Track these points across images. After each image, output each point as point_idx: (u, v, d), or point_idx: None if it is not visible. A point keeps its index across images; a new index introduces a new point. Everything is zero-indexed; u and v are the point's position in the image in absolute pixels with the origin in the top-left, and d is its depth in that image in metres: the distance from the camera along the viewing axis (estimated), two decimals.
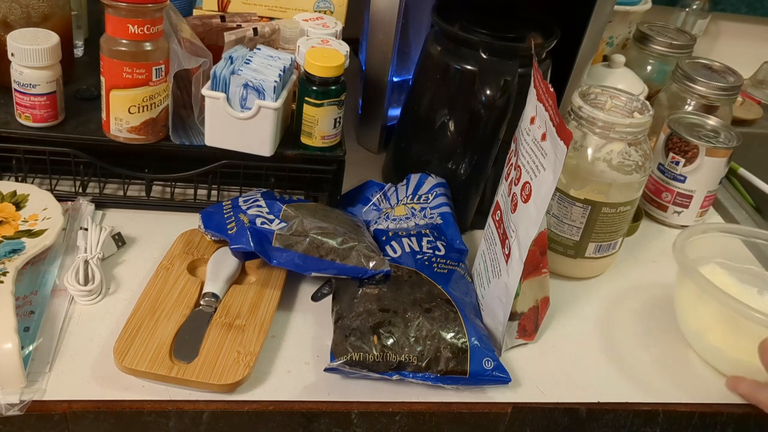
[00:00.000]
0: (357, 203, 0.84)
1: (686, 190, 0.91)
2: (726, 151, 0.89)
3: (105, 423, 0.61)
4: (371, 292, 0.69)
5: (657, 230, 0.94)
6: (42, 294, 0.68)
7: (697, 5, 1.29)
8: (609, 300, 0.81)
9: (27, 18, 0.79)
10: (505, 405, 0.66)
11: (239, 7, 0.86)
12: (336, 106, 0.76)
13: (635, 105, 0.78)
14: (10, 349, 0.59)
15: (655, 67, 1.16)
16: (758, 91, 1.31)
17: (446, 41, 0.82)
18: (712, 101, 1.00)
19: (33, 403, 0.59)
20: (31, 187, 0.77)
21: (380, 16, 0.87)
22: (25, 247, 0.69)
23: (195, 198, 0.82)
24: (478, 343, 0.66)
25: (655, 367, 0.72)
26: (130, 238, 0.77)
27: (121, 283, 0.72)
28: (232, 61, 0.74)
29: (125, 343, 0.62)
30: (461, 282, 0.73)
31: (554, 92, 0.62)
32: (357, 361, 0.64)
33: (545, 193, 0.62)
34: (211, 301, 0.68)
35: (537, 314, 0.72)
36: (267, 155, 0.76)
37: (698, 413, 0.69)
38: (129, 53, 0.71)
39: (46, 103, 0.75)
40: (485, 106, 0.75)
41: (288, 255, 0.69)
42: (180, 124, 0.79)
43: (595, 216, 0.77)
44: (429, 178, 0.83)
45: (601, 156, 0.75)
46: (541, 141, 0.64)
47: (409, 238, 0.76)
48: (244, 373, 0.62)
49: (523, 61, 0.77)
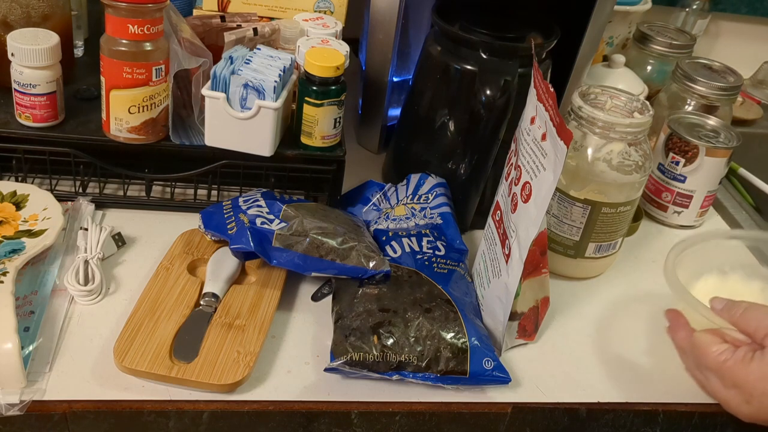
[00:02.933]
0: (357, 203, 0.84)
1: (686, 190, 0.91)
2: (726, 151, 0.89)
3: (105, 423, 0.61)
4: (371, 292, 0.69)
5: (657, 230, 0.94)
6: (42, 294, 0.68)
7: (697, 5, 1.29)
8: (609, 300, 0.81)
9: (27, 18, 0.79)
10: (505, 405, 0.66)
11: (239, 7, 0.85)
12: (336, 106, 0.76)
13: (635, 105, 0.78)
14: (10, 349, 0.59)
15: (655, 67, 1.16)
16: (758, 91, 1.31)
17: (446, 41, 0.82)
18: (712, 101, 1.00)
19: (33, 403, 0.59)
20: (31, 187, 0.77)
21: (380, 16, 0.87)
22: (25, 247, 0.69)
23: (195, 198, 0.82)
24: (478, 343, 0.66)
25: (655, 367, 0.72)
26: (130, 238, 0.77)
27: (121, 283, 0.72)
28: (232, 61, 0.74)
29: (125, 343, 0.62)
30: (461, 282, 0.73)
31: (554, 92, 0.62)
32: (357, 361, 0.64)
33: (545, 193, 0.62)
34: (211, 301, 0.68)
35: (537, 314, 0.72)
36: (267, 155, 0.76)
37: (698, 413, 0.69)
38: (129, 53, 0.71)
39: (46, 103, 0.75)
40: (485, 106, 0.75)
41: (288, 255, 0.69)
42: (180, 124, 0.79)
43: (595, 216, 0.77)
44: (429, 178, 0.83)
45: (601, 156, 0.75)
46: (542, 141, 0.64)
47: (409, 238, 0.76)
48: (244, 373, 0.62)
49: (523, 61, 0.77)
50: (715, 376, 0.64)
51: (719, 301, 0.67)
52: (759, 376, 0.60)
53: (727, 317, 0.65)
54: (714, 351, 0.63)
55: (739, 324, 0.64)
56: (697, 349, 0.65)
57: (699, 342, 0.65)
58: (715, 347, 0.63)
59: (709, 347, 0.64)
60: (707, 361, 0.64)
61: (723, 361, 0.62)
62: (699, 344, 0.65)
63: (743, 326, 0.64)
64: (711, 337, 0.64)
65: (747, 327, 0.63)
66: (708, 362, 0.64)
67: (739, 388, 0.62)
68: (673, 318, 0.70)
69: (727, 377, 0.62)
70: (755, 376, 0.60)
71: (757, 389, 0.60)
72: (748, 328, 0.63)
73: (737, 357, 0.62)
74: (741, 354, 0.62)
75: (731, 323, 0.65)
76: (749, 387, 0.61)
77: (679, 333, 0.68)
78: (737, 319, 0.64)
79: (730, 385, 0.62)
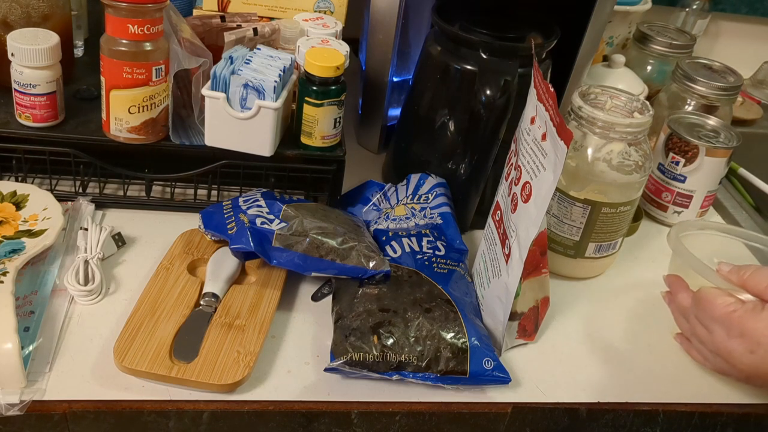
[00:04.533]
0: (357, 203, 0.84)
1: (686, 190, 0.91)
2: (726, 151, 0.89)
3: (105, 423, 0.61)
4: (371, 292, 0.69)
5: (657, 230, 0.94)
6: (42, 294, 0.68)
7: (697, 5, 1.29)
8: (609, 300, 0.81)
9: (27, 18, 0.79)
10: (505, 405, 0.66)
11: (239, 7, 0.86)
12: (336, 106, 0.76)
13: (635, 105, 0.78)
14: (10, 349, 0.59)
15: (655, 67, 1.16)
16: (758, 91, 1.31)
17: (446, 41, 0.82)
18: (712, 101, 1.00)
19: (33, 403, 0.59)
20: (31, 187, 0.77)
21: (380, 16, 0.87)
22: (25, 247, 0.69)
23: (195, 198, 0.82)
24: (478, 343, 0.66)
25: (655, 366, 0.72)
26: (130, 238, 0.77)
27: (121, 283, 0.72)
28: (232, 61, 0.74)
29: (125, 343, 0.62)
30: (461, 282, 0.73)
31: (554, 92, 0.62)
32: (357, 361, 0.64)
33: (545, 193, 0.62)
34: (211, 301, 0.68)
35: (537, 314, 0.72)
36: (267, 155, 0.76)
37: (698, 413, 0.69)
38: (129, 53, 0.71)
39: (46, 103, 0.75)
40: (485, 106, 0.75)
41: (288, 255, 0.69)
42: (180, 124, 0.79)
43: (595, 216, 0.77)
44: (429, 178, 0.83)
45: (601, 156, 0.75)
46: (542, 141, 0.64)
47: (409, 238, 0.76)
48: (244, 373, 0.62)
49: (523, 61, 0.77)
50: (721, 326, 0.64)
51: (726, 264, 0.68)
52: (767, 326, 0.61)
53: (736, 279, 0.66)
54: (721, 302, 0.64)
55: (747, 284, 0.65)
56: (704, 301, 0.65)
57: (706, 295, 0.66)
58: (722, 299, 0.64)
59: (716, 299, 0.65)
60: (714, 311, 0.64)
61: (732, 311, 0.63)
62: (706, 297, 0.65)
63: (752, 286, 0.65)
64: (718, 290, 0.65)
65: (757, 286, 0.64)
66: (715, 313, 0.64)
67: (746, 337, 0.62)
68: (673, 282, 0.71)
69: (735, 326, 0.63)
70: (763, 325, 0.61)
71: (765, 338, 0.61)
72: (758, 287, 0.64)
73: (747, 307, 0.63)
74: (751, 305, 0.63)
75: (739, 285, 0.66)
76: (757, 335, 0.62)
77: (679, 294, 0.69)
78: (746, 280, 0.65)
79: (737, 334, 0.63)
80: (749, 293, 0.65)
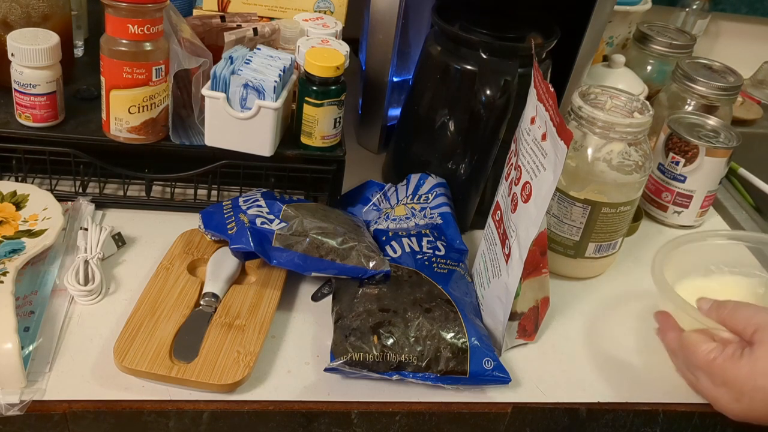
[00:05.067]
0: (357, 203, 0.84)
1: (686, 190, 0.91)
2: (726, 151, 0.89)
3: (105, 423, 0.61)
4: (371, 292, 0.69)
5: (657, 230, 0.94)
6: (42, 294, 0.68)
7: (697, 5, 1.29)
8: (609, 300, 0.81)
9: (27, 18, 0.79)
10: (505, 405, 0.66)
11: (239, 7, 0.86)
12: (336, 106, 0.76)
13: (635, 105, 0.78)
14: (10, 349, 0.59)
15: (655, 67, 1.16)
16: (758, 91, 1.31)
17: (446, 41, 0.82)
18: (712, 101, 1.00)
19: (33, 403, 0.59)
20: (31, 187, 0.77)
21: (380, 16, 0.87)
22: (25, 247, 0.69)
23: (195, 198, 0.82)
24: (478, 343, 0.66)
25: (656, 366, 0.72)
26: (130, 238, 0.77)
27: (121, 283, 0.72)
28: (232, 61, 0.74)
29: (125, 343, 0.62)
30: (461, 282, 0.73)
31: (554, 92, 0.62)
32: (357, 361, 0.64)
33: (545, 193, 0.62)
34: (211, 301, 0.68)
35: (537, 314, 0.72)
36: (267, 155, 0.76)
37: (698, 413, 0.69)
38: (129, 53, 0.71)
39: (46, 103, 0.75)
40: (485, 106, 0.75)
41: (288, 255, 0.69)
42: (180, 124, 0.79)
43: (595, 216, 0.77)
44: (429, 178, 0.83)
45: (601, 156, 0.75)
46: (542, 141, 0.64)
47: (409, 238, 0.76)
48: (244, 373, 0.62)
49: (523, 61, 0.77)
50: (705, 375, 0.64)
51: (706, 301, 0.67)
52: (748, 374, 0.60)
53: (715, 317, 0.65)
54: (703, 350, 0.63)
55: (727, 323, 0.64)
56: (687, 348, 0.65)
57: (688, 341, 0.65)
58: (704, 346, 0.63)
59: (698, 346, 0.64)
60: (697, 359, 0.64)
61: (712, 360, 0.62)
62: (688, 344, 0.65)
63: (732, 325, 0.64)
64: (700, 336, 0.64)
65: (736, 325, 0.63)
66: (697, 361, 0.63)
67: (729, 386, 0.61)
68: (663, 320, 0.70)
69: (716, 375, 0.62)
70: (744, 373, 0.60)
71: (746, 386, 0.60)
72: (737, 327, 0.63)
73: (726, 355, 0.62)
74: (730, 351, 0.62)
75: (719, 322, 0.65)
76: (739, 384, 0.61)
77: (668, 334, 0.68)
78: (725, 317, 0.64)
79: (720, 383, 0.62)
80: (730, 332, 0.64)
